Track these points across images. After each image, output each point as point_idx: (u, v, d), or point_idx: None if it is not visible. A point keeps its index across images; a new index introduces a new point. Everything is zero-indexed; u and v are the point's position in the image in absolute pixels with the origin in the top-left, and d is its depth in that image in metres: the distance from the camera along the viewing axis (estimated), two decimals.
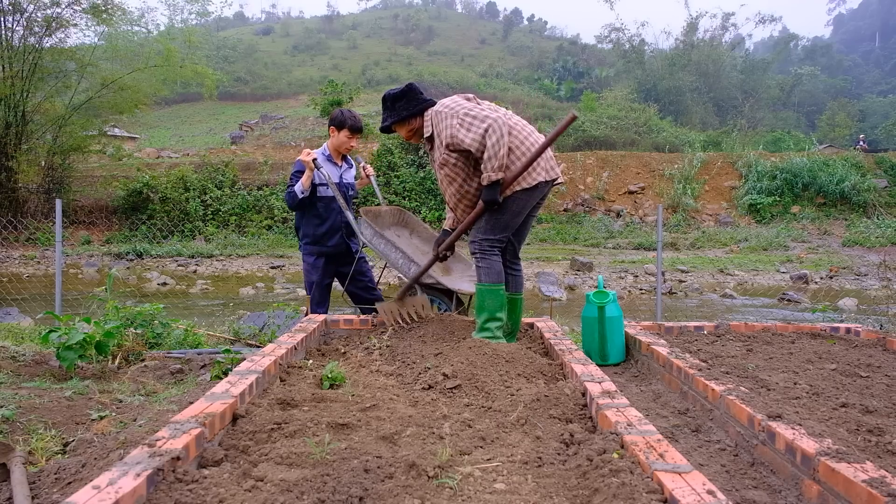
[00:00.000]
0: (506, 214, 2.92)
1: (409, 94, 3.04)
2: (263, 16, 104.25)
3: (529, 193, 2.92)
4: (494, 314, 2.93)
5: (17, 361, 3.25)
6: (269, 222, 18.66)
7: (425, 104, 3.02)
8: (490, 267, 2.94)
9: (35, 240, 16.25)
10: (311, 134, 29.63)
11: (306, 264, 4.11)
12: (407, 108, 3.02)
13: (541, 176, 2.90)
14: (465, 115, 2.82)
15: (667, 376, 2.90)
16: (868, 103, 48.39)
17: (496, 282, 2.94)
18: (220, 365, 3.12)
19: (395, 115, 3.05)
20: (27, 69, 17.25)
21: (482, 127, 2.75)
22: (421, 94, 3.05)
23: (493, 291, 2.93)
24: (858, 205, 19.73)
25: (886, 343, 3.38)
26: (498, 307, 2.94)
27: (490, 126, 2.73)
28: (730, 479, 1.88)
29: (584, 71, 52.29)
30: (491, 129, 2.73)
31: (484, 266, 2.95)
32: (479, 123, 2.76)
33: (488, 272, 2.94)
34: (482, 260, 2.95)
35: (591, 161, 22.51)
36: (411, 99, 3.02)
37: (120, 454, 1.81)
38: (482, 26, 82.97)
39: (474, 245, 2.98)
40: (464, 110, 2.84)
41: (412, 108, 3.01)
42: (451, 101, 2.96)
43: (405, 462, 1.57)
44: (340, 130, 3.98)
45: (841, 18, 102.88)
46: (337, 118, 4.00)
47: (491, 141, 2.73)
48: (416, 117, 3.03)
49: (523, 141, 2.87)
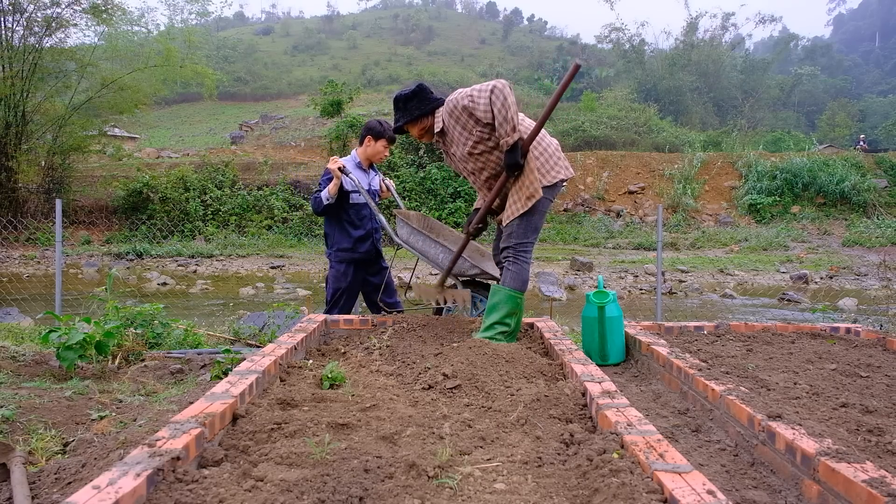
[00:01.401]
0: (535, 215, 2.95)
1: (420, 93, 3.08)
2: (263, 16, 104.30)
3: (552, 191, 2.96)
4: (504, 319, 2.93)
5: (17, 361, 3.25)
6: (269, 222, 18.67)
7: (436, 103, 3.06)
8: (519, 273, 2.96)
9: (35, 240, 16.26)
10: (311, 134, 29.59)
11: (335, 272, 4.04)
12: (419, 108, 3.06)
13: (561, 173, 2.95)
14: (472, 91, 2.88)
15: (667, 376, 2.90)
16: (868, 103, 48.38)
17: (520, 289, 2.95)
18: (220, 365, 3.12)
19: (407, 115, 3.09)
20: (27, 69, 17.26)
21: (486, 91, 2.79)
22: (431, 94, 3.09)
23: (514, 298, 2.94)
24: (858, 205, 19.74)
25: (886, 343, 3.38)
26: (510, 314, 2.94)
27: (493, 89, 2.76)
28: (730, 479, 1.88)
29: (584, 71, 52.26)
30: (494, 93, 2.75)
31: (514, 270, 2.96)
32: (484, 91, 2.80)
33: (515, 277, 2.95)
34: (514, 264, 2.96)
35: (591, 161, 22.51)
36: (422, 98, 3.06)
37: (120, 454, 1.81)
38: (482, 26, 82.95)
39: (508, 251, 2.98)
40: (467, 90, 2.90)
41: (424, 108, 3.05)
42: (458, 91, 3.00)
43: (405, 462, 1.57)
44: (377, 140, 3.96)
45: (841, 18, 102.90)
46: (375, 129, 3.97)
47: (497, 106, 2.75)
48: (428, 116, 3.07)
49: (521, 121, 2.91)
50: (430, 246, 3.70)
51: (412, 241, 3.78)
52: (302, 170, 21.17)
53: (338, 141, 19.39)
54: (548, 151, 2.92)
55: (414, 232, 3.78)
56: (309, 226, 18.58)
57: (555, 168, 2.93)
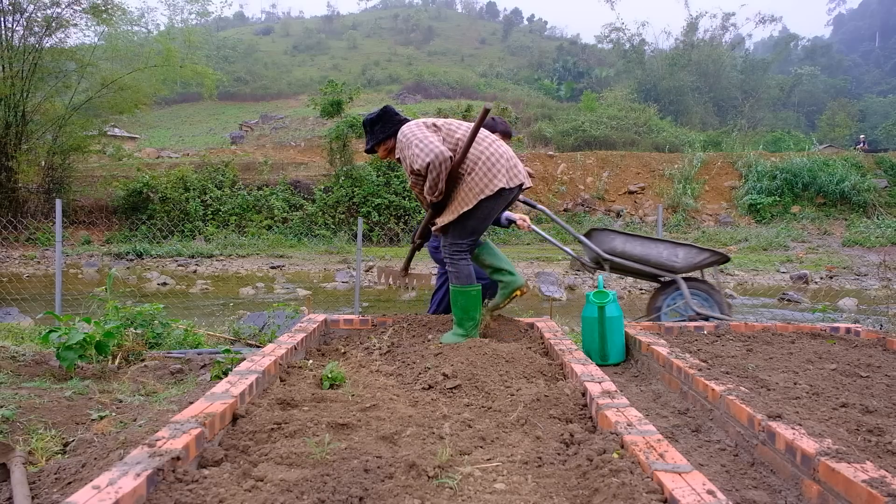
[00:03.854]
0: (472, 220, 3.10)
1: (384, 116, 3.27)
2: (263, 16, 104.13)
3: (494, 200, 3.07)
4: (469, 312, 3.12)
5: (17, 361, 3.25)
6: (269, 222, 18.66)
7: (399, 125, 3.22)
8: (459, 270, 3.14)
9: (35, 240, 16.25)
10: (311, 134, 29.59)
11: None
12: (383, 131, 3.25)
13: (501, 182, 3.03)
14: (418, 144, 3.01)
15: (667, 376, 2.90)
16: (868, 103, 48.35)
17: (466, 283, 3.14)
18: (220, 365, 3.12)
19: (374, 137, 3.29)
20: (27, 69, 17.24)
21: (425, 161, 2.96)
22: (396, 116, 3.27)
23: (465, 292, 3.13)
24: (858, 205, 19.73)
25: (886, 343, 3.38)
26: (471, 306, 3.12)
27: (430, 163, 2.94)
28: (730, 479, 1.88)
29: (584, 71, 52.26)
30: (431, 166, 2.95)
31: (453, 270, 3.15)
32: (423, 158, 2.96)
33: (458, 275, 3.14)
34: (451, 264, 3.16)
35: (591, 161, 22.51)
36: (387, 121, 3.25)
37: (120, 454, 1.81)
38: (482, 26, 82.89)
39: (445, 250, 3.18)
40: (416, 140, 3.02)
41: (388, 130, 3.24)
42: (410, 128, 3.12)
43: (405, 462, 1.57)
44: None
45: (841, 18, 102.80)
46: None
47: (430, 178, 2.99)
48: (391, 138, 3.26)
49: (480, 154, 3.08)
50: (650, 246, 3.54)
51: (629, 248, 3.61)
52: (302, 170, 21.16)
53: (338, 141, 19.36)
54: (489, 162, 3.04)
55: (629, 239, 3.61)
56: (309, 226, 18.58)
57: (495, 179, 3.02)
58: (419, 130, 3.08)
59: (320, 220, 18.69)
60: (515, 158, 3.17)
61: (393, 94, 44.76)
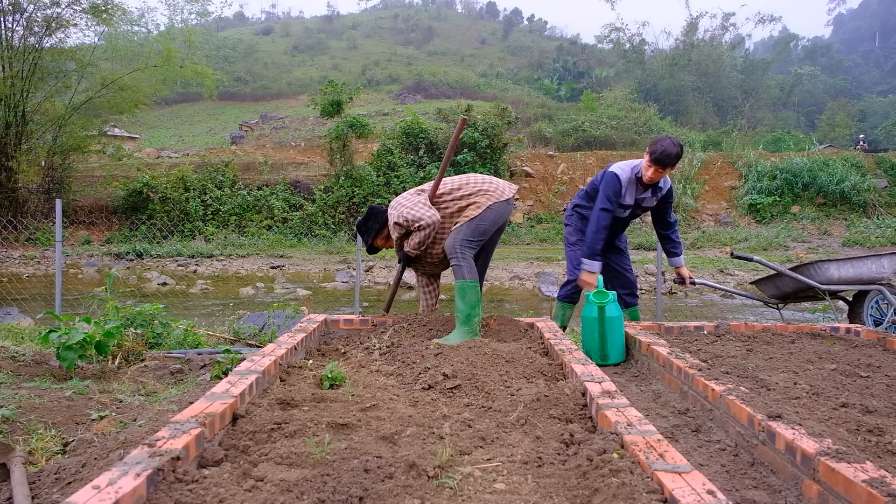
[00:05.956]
0: (485, 222, 3.43)
1: (372, 213, 3.72)
2: (263, 16, 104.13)
3: (504, 205, 3.48)
4: (475, 308, 3.27)
5: (17, 361, 3.25)
6: (269, 222, 18.66)
7: (386, 213, 3.66)
8: (470, 266, 3.38)
9: (35, 240, 16.26)
10: (311, 134, 29.59)
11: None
12: (377, 222, 3.69)
13: (508, 194, 3.50)
14: (411, 208, 3.47)
15: (667, 376, 2.90)
16: (868, 103, 48.36)
17: (474, 278, 3.35)
18: (220, 365, 3.12)
19: (371, 233, 3.71)
20: (27, 69, 17.24)
21: (416, 224, 3.44)
22: (380, 208, 3.73)
23: (473, 286, 3.32)
24: (858, 205, 19.73)
25: (886, 343, 3.38)
26: (476, 301, 3.29)
27: (419, 226, 3.42)
28: (730, 479, 1.88)
29: (584, 71, 52.27)
30: (418, 227, 3.42)
31: (465, 265, 3.36)
32: (415, 222, 3.43)
33: (467, 270, 3.35)
34: (463, 259, 3.37)
35: (591, 161, 22.52)
36: (376, 215, 3.70)
37: (120, 454, 1.81)
38: (482, 26, 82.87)
39: (455, 247, 3.39)
40: (410, 203, 3.49)
41: (380, 220, 3.68)
42: (398, 200, 3.56)
43: (405, 462, 1.57)
44: (652, 166, 3.73)
45: (841, 18, 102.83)
46: (655, 154, 3.68)
47: (417, 237, 3.45)
48: (384, 227, 3.68)
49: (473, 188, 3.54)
50: (860, 266, 3.48)
51: (844, 275, 3.57)
52: (302, 170, 21.16)
53: (338, 141, 19.36)
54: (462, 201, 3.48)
55: (841, 264, 3.58)
56: (309, 226, 18.58)
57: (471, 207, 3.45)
58: (410, 197, 3.54)
59: (320, 220, 18.69)
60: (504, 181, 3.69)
61: (393, 94, 44.77)
